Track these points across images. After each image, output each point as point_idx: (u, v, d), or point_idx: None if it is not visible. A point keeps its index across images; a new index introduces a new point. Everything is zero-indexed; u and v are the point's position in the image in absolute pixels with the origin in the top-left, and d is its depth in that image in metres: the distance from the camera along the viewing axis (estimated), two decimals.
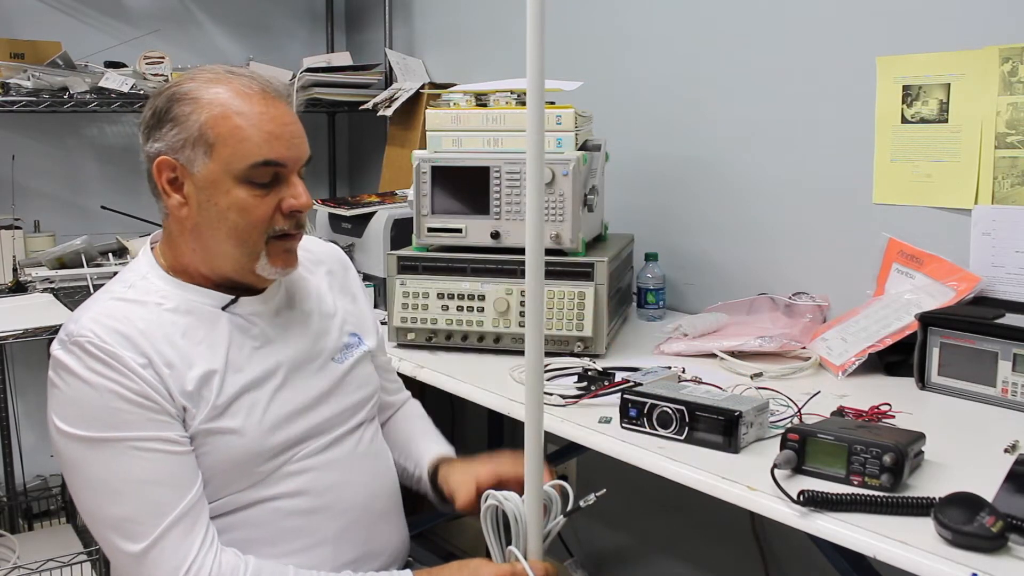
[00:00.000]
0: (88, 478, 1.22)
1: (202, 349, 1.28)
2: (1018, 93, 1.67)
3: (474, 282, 1.88)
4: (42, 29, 2.90)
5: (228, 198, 1.27)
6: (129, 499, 1.20)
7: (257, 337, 1.34)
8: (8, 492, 2.79)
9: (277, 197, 1.29)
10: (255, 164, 1.26)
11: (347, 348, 1.45)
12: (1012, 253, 1.69)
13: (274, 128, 1.27)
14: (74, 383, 1.21)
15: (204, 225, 1.29)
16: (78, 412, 1.21)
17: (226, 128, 1.25)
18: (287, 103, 1.32)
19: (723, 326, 1.95)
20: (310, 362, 1.38)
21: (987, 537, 1.02)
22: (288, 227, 1.30)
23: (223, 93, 1.27)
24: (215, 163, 1.26)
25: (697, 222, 2.24)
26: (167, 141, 1.27)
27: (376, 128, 3.27)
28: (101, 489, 1.21)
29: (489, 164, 1.89)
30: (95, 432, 1.20)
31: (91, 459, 1.20)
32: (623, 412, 1.43)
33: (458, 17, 2.93)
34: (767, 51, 2.06)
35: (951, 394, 1.59)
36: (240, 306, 1.34)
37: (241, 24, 3.31)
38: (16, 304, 2.43)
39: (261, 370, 1.32)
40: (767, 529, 2.10)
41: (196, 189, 1.28)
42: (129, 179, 3.08)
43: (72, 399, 1.22)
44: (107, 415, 1.20)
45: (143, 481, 1.20)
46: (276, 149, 1.27)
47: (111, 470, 1.20)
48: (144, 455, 1.20)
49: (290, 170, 1.29)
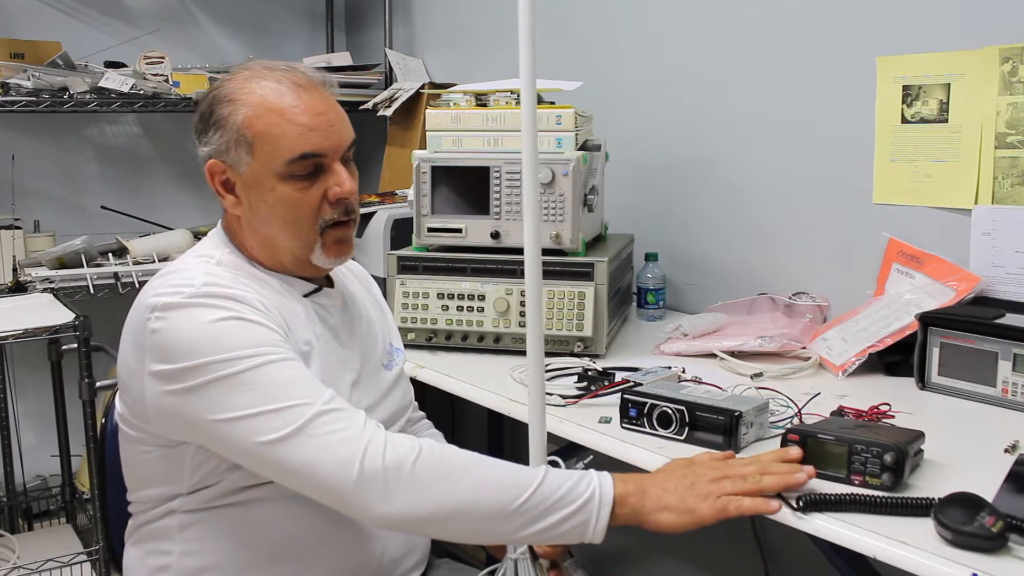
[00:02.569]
0: (233, 390, 1.16)
1: (298, 325, 1.29)
2: (1018, 93, 1.67)
3: (474, 282, 1.88)
4: (42, 29, 2.90)
5: (274, 195, 1.28)
6: (286, 394, 1.15)
7: (334, 328, 1.37)
8: (8, 492, 2.79)
9: (322, 187, 1.29)
10: (293, 159, 1.27)
11: (390, 355, 1.49)
12: (1012, 253, 1.69)
13: (308, 120, 1.27)
14: (204, 322, 1.18)
15: (258, 222, 1.31)
16: (215, 343, 1.17)
17: (262, 126, 1.27)
18: (323, 90, 1.32)
19: (723, 326, 1.95)
20: (369, 364, 1.42)
21: (987, 537, 1.02)
22: (337, 215, 1.31)
23: (257, 91, 1.28)
24: (257, 162, 1.28)
25: (697, 222, 2.24)
26: (214, 144, 1.30)
27: (376, 128, 3.26)
28: (251, 393, 1.15)
29: (489, 164, 1.89)
30: (236, 354, 1.16)
31: (227, 375, 1.16)
32: (623, 412, 1.43)
33: (458, 17, 2.93)
34: (767, 51, 2.06)
35: (951, 394, 1.58)
36: (322, 296, 1.37)
37: (241, 24, 3.31)
38: (16, 304, 2.42)
39: (340, 363, 1.34)
40: (767, 529, 2.10)
41: (245, 188, 1.30)
42: (129, 179, 3.08)
43: (204, 333, 1.17)
44: (248, 338, 1.18)
45: (286, 373, 1.18)
46: (313, 141, 1.27)
47: (253, 372, 1.16)
48: (285, 364, 1.18)
49: (331, 159, 1.30)
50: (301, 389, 1.17)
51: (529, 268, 1.19)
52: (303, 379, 1.19)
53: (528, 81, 1.07)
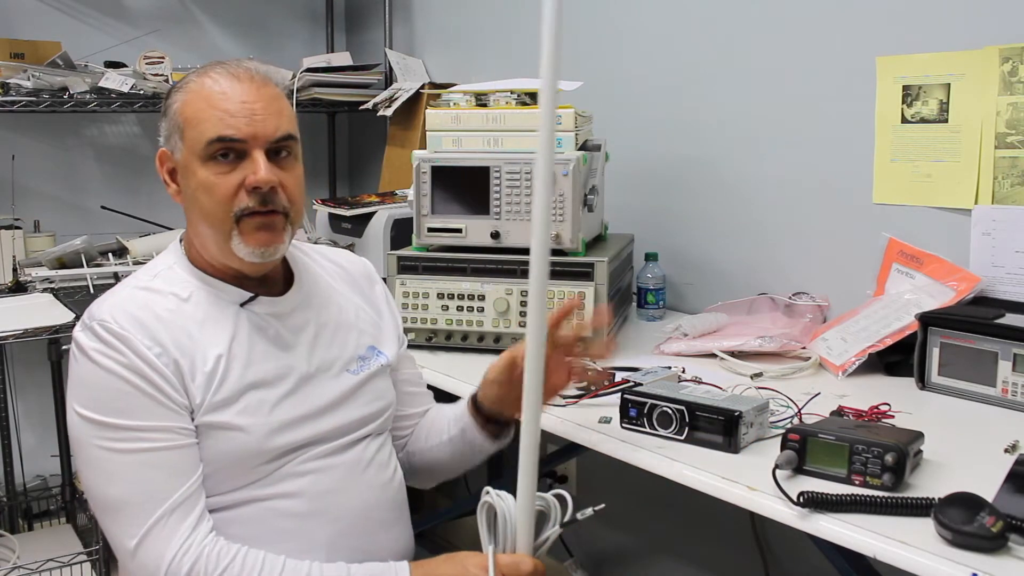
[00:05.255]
0: (92, 458, 1.24)
1: (216, 342, 1.29)
2: (1018, 93, 1.67)
3: (474, 282, 1.88)
4: (42, 29, 2.90)
5: (196, 179, 1.29)
6: (128, 483, 1.22)
7: (272, 338, 1.35)
8: (8, 492, 2.79)
9: (241, 174, 1.28)
10: (210, 141, 1.27)
11: (362, 360, 1.44)
12: (1012, 253, 1.69)
13: (231, 106, 1.27)
14: (87, 365, 1.24)
15: (189, 210, 1.33)
16: (88, 393, 1.24)
17: (191, 111, 1.29)
18: (263, 84, 1.31)
19: (723, 326, 1.95)
20: (323, 371, 1.38)
21: (987, 537, 1.02)
22: (253, 204, 1.28)
23: (199, 81, 1.31)
24: (185, 146, 1.30)
25: (697, 222, 2.24)
26: (163, 134, 1.33)
27: (376, 128, 3.26)
28: (103, 470, 1.23)
29: (489, 164, 1.89)
30: (101, 415, 1.22)
31: (95, 440, 1.23)
32: (623, 412, 1.43)
33: (458, 17, 2.93)
34: (767, 51, 2.06)
35: (951, 394, 1.59)
36: (258, 304, 1.35)
37: (241, 24, 3.31)
38: (16, 304, 2.42)
39: (272, 371, 1.32)
40: (767, 529, 2.10)
41: (181, 175, 1.32)
42: (129, 179, 3.08)
43: (84, 380, 1.25)
44: (114, 399, 1.22)
45: (144, 466, 1.22)
46: (232, 125, 1.27)
47: (113, 453, 1.22)
48: (146, 444, 1.22)
49: (251, 146, 1.28)
50: (145, 485, 1.22)
51: (535, 269, 1.18)
52: (157, 467, 1.23)
53: (549, 82, 1.08)
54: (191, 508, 1.23)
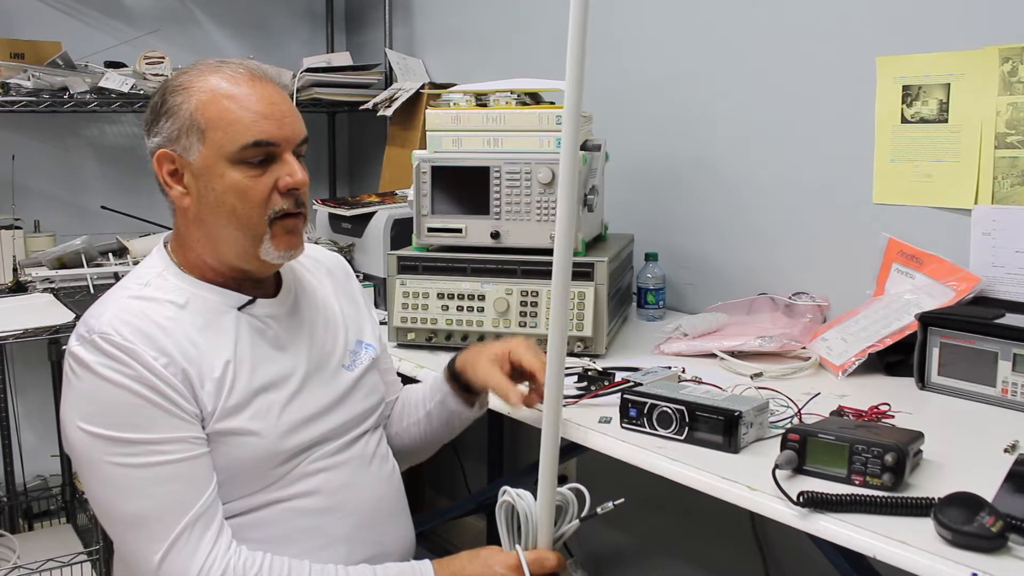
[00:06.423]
0: (104, 475, 1.21)
1: (220, 347, 1.28)
2: (1018, 93, 1.67)
3: (474, 282, 1.88)
4: (42, 29, 2.90)
5: (224, 182, 1.27)
6: (146, 498, 1.19)
7: (272, 340, 1.35)
8: (8, 492, 2.79)
9: (273, 177, 1.28)
10: (246, 145, 1.26)
11: (355, 355, 1.46)
12: (1012, 253, 1.69)
13: (263, 108, 1.27)
14: (92, 380, 1.21)
15: (206, 213, 1.30)
16: (95, 409, 1.21)
17: (215, 112, 1.26)
18: (277, 85, 1.32)
19: (723, 326, 1.95)
20: (322, 368, 1.39)
21: (987, 537, 1.02)
22: (288, 206, 1.30)
23: (212, 80, 1.28)
24: (208, 148, 1.27)
25: (697, 222, 2.24)
26: (164, 134, 1.29)
27: (376, 128, 3.27)
28: (118, 487, 1.20)
29: (489, 164, 1.89)
30: (112, 431, 1.20)
31: (107, 456, 1.20)
32: (623, 412, 1.43)
33: (458, 17, 2.93)
34: (767, 51, 2.06)
35: (951, 394, 1.59)
36: (256, 307, 1.34)
37: (241, 24, 3.31)
38: (16, 304, 2.42)
39: (277, 373, 1.32)
40: (767, 529, 2.10)
41: (194, 177, 1.29)
42: (129, 179, 3.08)
43: (89, 396, 1.21)
44: (125, 414, 1.20)
45: (161, 480, 1.20)
46: (266, 128, 1.27)
47: (128, 468, 1.20)
48: (162, 456, 1.20)
49: (283, 149, 1.29)
50: (165, 499, 1.20)
51: (557, 274, 1.18)
52: (175, 479, 1.21)
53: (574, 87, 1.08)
54: (211, 519, 1.22)
